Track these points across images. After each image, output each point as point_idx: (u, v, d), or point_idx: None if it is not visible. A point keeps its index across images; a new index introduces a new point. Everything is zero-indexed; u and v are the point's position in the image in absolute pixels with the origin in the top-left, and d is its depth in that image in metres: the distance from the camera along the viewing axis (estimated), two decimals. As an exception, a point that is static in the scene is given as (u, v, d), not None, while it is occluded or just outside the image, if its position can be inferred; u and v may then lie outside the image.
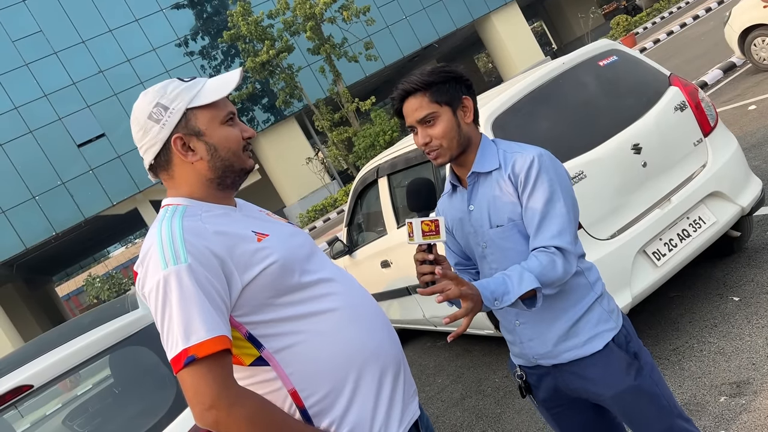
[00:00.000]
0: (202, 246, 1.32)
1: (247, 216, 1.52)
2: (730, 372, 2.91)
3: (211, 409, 1.24)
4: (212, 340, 1.25)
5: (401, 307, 4.68)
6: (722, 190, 3.42)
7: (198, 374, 1.24)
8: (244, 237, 1.40)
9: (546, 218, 1.62)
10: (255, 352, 1.39)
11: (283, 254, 1.41)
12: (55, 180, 24.19)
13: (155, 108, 1.43)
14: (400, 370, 1.52)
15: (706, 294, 3.67)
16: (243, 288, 1.35)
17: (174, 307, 1.27)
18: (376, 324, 1.51)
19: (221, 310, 1.30)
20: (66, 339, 2.61)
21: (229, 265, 1.33)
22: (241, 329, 1.38)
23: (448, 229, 1.87)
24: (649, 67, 3.71)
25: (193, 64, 27.08)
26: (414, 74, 1.71)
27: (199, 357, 1.24)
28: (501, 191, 1.70)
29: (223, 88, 1.46)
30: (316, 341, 1.40)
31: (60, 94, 24.53)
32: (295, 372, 1.38)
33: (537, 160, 1.65)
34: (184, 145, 1.44)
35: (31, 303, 31.25)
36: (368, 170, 4.63)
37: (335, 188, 26.79)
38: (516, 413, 3.49)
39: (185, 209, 1.42)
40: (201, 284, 1.28)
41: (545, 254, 1.60)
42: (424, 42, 30.40)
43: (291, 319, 1.40)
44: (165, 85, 1.47)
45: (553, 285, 1.60)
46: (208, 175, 1.47)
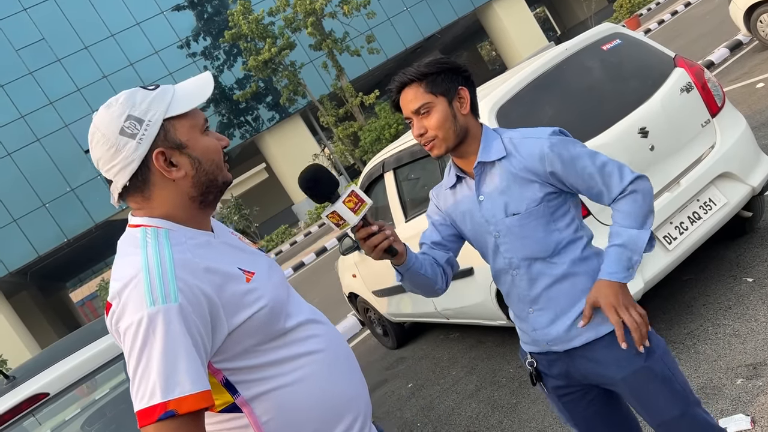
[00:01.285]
0: (194, 285, 1.17)
1: (226, 245, 1.36)
2: (746, 354, 2.89)
3: None
4: (197, 395, 1.10)
5: (412, 300, 4.68)
6: (732, 171, 3.38)
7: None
8: (233, 276, 1.25)
9: (602, 173, 1.67)
10: (228, 399, 1.27)
11: (272, 296, 1.30)
12: (64, 187, 24.36)
13: (127, 122, 1.23)
14: (369, 413, 1.45)
15: (719, 276, 3.64)
16: (229, 333, 1.22)
17: (156, 353, 1.10)
18: (352, 366, 1.44)
19: (204, 361, 1.16)
20: (80, 345, 2.63)
21: (217, 307, 1.19)
22: (218, 375, 1.25)
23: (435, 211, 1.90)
24: (653, 49, 3.68)
25: (195, 65, 27.14)
26: (411, 66, 1.72)
27: (179, 413, 1.08)
28: (515, 179, 1.69)
29: (199, 93, 1.31)
30: (295, 387, 1.29)
31: (65, 101, 24.68)
32: (269, 420, 1.27)
33: (556, 139, 1.69)
34: (166, 160, 1.26)
35: (46, 310, 31.53)
36: (374, 165, 4.62)
37: (342, 184, 26.83)
38: (531, 403, 3.48)
39: (168, 234, 1.25)
40: (189, 329, 1.13)
41: (624, 200, 1.66)
42: (426, 33, 30.31)
43: (273, 364, 1.29)
44: (130, 94, 1.27)
45: (651, 208, 1.67)
46: (191, 193, 1.29)
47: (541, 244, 1.69)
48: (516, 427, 3.36)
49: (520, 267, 1.73)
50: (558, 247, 1.70)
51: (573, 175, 1.67)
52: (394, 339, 5.58)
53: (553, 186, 1.69)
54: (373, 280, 5.15)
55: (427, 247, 1.84)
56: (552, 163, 1.66)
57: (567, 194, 1.74)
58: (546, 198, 1.68)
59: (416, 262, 1.67)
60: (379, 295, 5.18)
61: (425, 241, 1.85)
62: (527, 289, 1.74)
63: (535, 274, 1.72)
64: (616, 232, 1.67)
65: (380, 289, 5.08)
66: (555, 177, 1.68)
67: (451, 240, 1.85)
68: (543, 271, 1.71)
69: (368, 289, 5.33)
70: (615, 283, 1.63)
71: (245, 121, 27.90)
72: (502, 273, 1.78)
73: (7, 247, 23.22)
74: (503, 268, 1.77)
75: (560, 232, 1.70)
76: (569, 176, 1.68)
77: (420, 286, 1.74)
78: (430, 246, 1.84)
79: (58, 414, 3.83)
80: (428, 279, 1.72)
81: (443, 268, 1.80)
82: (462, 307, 4.03)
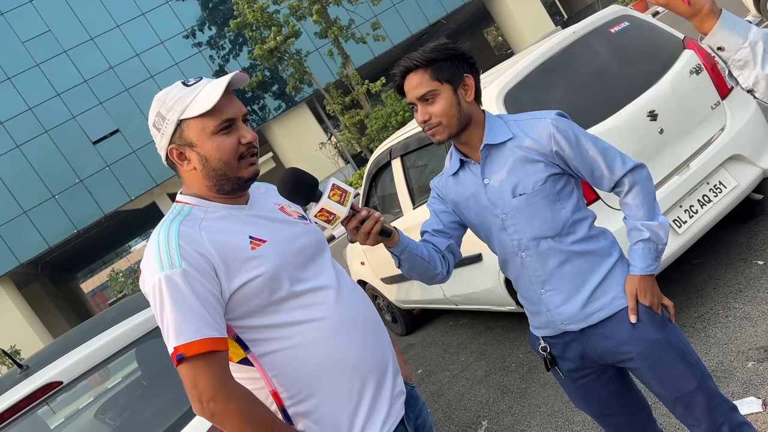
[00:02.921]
0: (195, 252, 1.37)
1: (253, 216, 1.53)
2: (756, 337, 2.88)
3: (210, 401, 1.32)
4: (199, 342, 1.32)
5: (421, 287, 4.68)
6: (742, 153, 3.35)
7: (196, 369, 1.32)
8: (238, 244, 1.43)
9: (605, 156, 1.70)
10: (242, 353, 1.46)
11: (275, 263, 1.44)
12: (73, 178, 24.47)
13: (156, 117, 1.49)
14: (384, 376, 1.56)
15: (729, 259, 3.62)
16: (231, 295, 1.40)
17: (167, 308, 1.33)
18: (361, 333, 1.54)
19: (217, 311, 1.37)
20: (92, 334, 2.65)
21: (220, 271, 1.39)
22: (230, 331, 1.44)
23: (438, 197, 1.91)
24: (662, 31, 3.63)
25: (201, 55, 27.12)
26: (416, 51, 1.71)
27: (187, 356, 1.31)
28: (521, 159, 1.71)
29: (211, 97, 1.44)
30: (299, 350, 1.45)
31: (72, 93, 24.72)
32: (277, 375, 1.45)
33: (561, 119, 1.72)
34: (181, 155, 1.49)
35: (58, 300, 31.81)
36: (381, 152, 4.61)
37: (350, 172, 26.79)
38: (541, 387, 3.49)
39: (190, 210, 1.49)
40: (194, 288, 1.34)
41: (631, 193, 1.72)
42: (432, 18, 30.10)
43: (276, 326, 1.45)
44: (168, 91, 1.49)
45: (655, 196, 1.75)
46: (205, 183, 1.50)
47: (550, 223, 1.71)
48: (526, 412, 3.37)
49: (530, 248, 1.74)
50: (566, 225, 1.71)
51: (577, 156, 1.69)
52: (403, 325, 5.60)
53: (557, 166, 1.71)
54: (381, 267, 5.15)
55: (428, 235, 1.84)
56: (558, 142, 1.68)
57: (570, 176, 1.75)
58: (551, 178, 1.70)
59: (411, 243, 1.68)
60: (387, 282, 5.19)
61: (426, 229, 1.86)
62: (538, 270, 1.75)
63: (545, 253, 1.73)
64: (637, 227, 1.73)
65: (389, 276, 5.08)
66: (560, 157, 1.70)
67: (452, 227, 1.86)
68: (553, 250, 1.72)
69: (377, 276, 5.34)
70: (646, 276, 1.72)
71: (252, 111, 27.89)
72: (511, 256, 1.78)
73: (19, 239, 23.40)
74: (512, 250, 1.77)
75: (566, 211, 1.72)
76: (573, 157, 1.69)
77: (419, 269, 1.73)
78: (431, 234, 1.84)
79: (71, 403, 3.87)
80: (426, 262, 1.72)
81: (443, 254, 1.80)
82: (471, 293, 4.03)
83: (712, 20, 1.23)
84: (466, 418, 3.68)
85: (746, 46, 1.22)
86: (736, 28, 1.22)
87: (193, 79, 1.51)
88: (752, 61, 1.22)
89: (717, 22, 1.22)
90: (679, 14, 1.26)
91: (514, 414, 3.42)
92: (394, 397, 1.58)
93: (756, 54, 1.21)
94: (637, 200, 1.71)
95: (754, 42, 1.21)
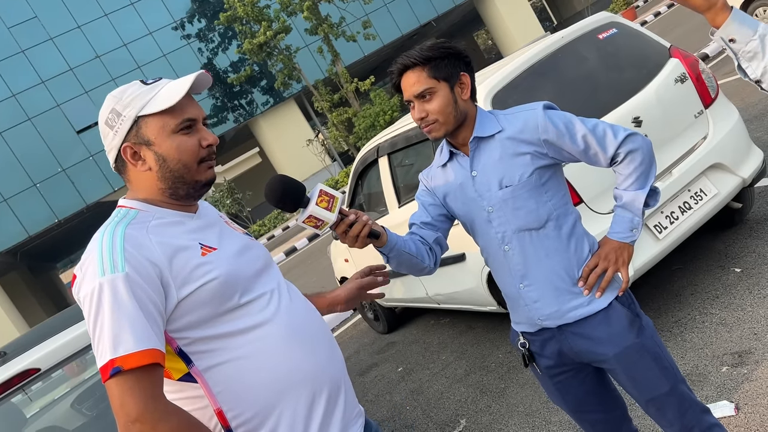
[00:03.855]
0: (141, 256, 1.29)
1: (202, 225, 1.46)
2: (731, 342, 2.93)
3: (135, 422, 1.20)
4: (140, 353, 1.21)
5: (404, 285, 4.70)
6: (724, 162, 3.41)
7: (125, 386, 1.20)
8: (188, 250, 1.36)
9: (595, 133, 1.72)
10: (184, 368, 1.35)
11: (226, 270, 1.37)
12: (56, 167, 24.20)
13: (110, 114, 1.40)
14: (338, 392, 1.48)
15: (707, 266, 3.68)
16: (178, 302, 1.31)
17: (106, 316, 1.23)
18: (313, 344, 1.46)
19: (156, 323, 1.27)
20: (71, 323, 2.63)
21: (167, 277, 1.30)
22: (172, 343, 1.34)
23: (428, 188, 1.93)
24: (649, 39, 3.68)
25: (190, 47, 26.94)
26: (414, 49, 1.73)
27: (124, 369, 1.20)
28: (509, 152, 1.73)
29: (174, 94, 1.38)
30: (246, 361, 1.36)
31: (57, 81, 24.45)
32: (222, 391, 1.35)
33: (550, 110, 1.74)
34: (135, 154, 1.40)
35: (36, 290, 31.44)
36: (368, 150, 4.62)
37: (336, 170, 26.78)
38: (520, 387, 3.52)
39: (136, 215, 1.39)
40: (136, 294, 1.25)
41: (623, 162, 1.73)
42: (423, 20, 30.17)
43: (222, 336, 1.36)
44: (125, 89, 1.42)
45: (652, 162, 1.74)
46: (159, 185, 1.42)
47: (534, 215, 1.73)
48: (504, 411, 3.40)
49: (513, 240, 1.76)
50: (549, 217, 1.74)
51: (568, 141, 1.71)
52: (385, 324, 5.61)
53: (545, 157, 1.73)
54: (365, 265, 5.15)
55: (416, 227, 1.86)
56: (546, 130, 1.71)
57: (557, 170, 1.78)
58: (537, 170, 1.73)
59: (399, 241, 1.69)
60: (370, 279, 5.18)
61: (414, 222, 1.88)
62: (519, 264, 1.77)
63: (527, 246, 1.75)
64: (618, 194, 1.78)
65: (372, 274, 5.08)
66: (549, 145, 1.72)
67: (440, 220, 1.88)
68: (535, 243, 1.75)
69: (360, 274, 5.33)
70: (616, 241, 1.77)
71: (239, 105, 27.74)
72: (494, 249, 1.81)
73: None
74: (495, 243, 1.79)
75: (551, 205, 1.74)
76: (564, 142, 1.72)
77: (407, 264, 1.76)
78: (419, 226, 1.86)
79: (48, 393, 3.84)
80: (414, 257, 1.74)
81: (431, 246, 1.82)
82: (453, 293, 4.06)
83: (725, 14, 1.31)
84: (445, 416, 3.70)
85: (756, 38, 1.30)
86: (746, 21, 1.31)
87: (152, 79, 1.45)
88: (761, 53, 1.30)
89: (729, 15, 1.30)
90: (694, 8, 1.33)
91: (492, 413, 3.45)
92: (350, 419, 1.50)
93: (765, 46, 1.30)
94: (627, 170, 1.73)
95: (763, 35, 1.29)
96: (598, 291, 1.75)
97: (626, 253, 1.77)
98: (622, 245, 1.77)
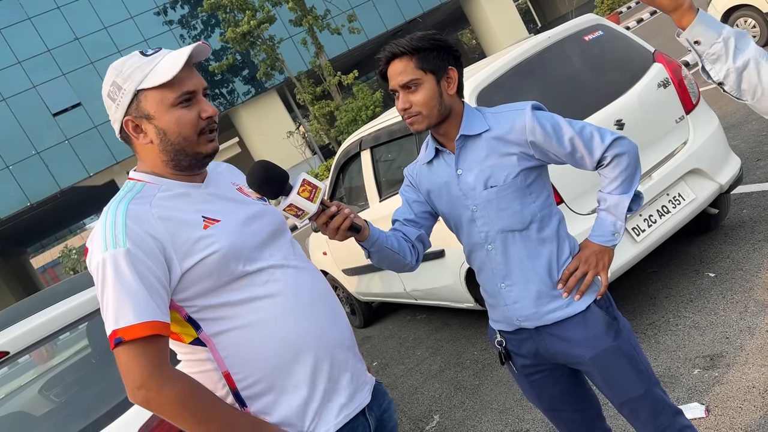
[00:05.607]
0: (143, 231, 1.33)
1: (209, 195, 1.48)
2: (704, 345, 2.97)
3: (141, 388, 1.28)
4: (140, 325, 1.27)
5: (382, 280, 4.69)
6: (702, 168, 3.45)
7: (130, 354, 1.28)
8: (190, 223, 1.39)
9: (582, 135, 1.71)
10: (193, 333, 1.41)
11: (229, 242, 1.40)
12: (30, 150, 23.73)
13: (112, 87, 1.42)
14: (345, 358, 1.52)
15: (683, 270, 3.72)
16: (182, 274, 1.36)
17: (109, 289, 1.30)
18: (320, 312, 1.50)
19: (159, 295, 1.32)
20: (42, 306, 2.57)
21: (169, 250, 1.34)
22: (181, 311, 1.40)
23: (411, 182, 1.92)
24: (634, 43, 3.71)
25: (172, 33, 26.58)
26: (404, 38, 1.70)
27: (125, 339, 1.27)
28: (495, 152, 1.71)
29: (171, 68, 1.39)
30: (252, 329, 1.41)
31: (34, 62, 23.96)
32: (229, 356, 1.41)
33: (538, 111, 1.73)
34: (137, 128, 1.43)
35: (6, 274, 30.84)
36: (351, 143, 4.60)
37: (316, 163, 26.66)
38: (494, 385, 3.54)
39: (142, 188, 1.43)
40: (137, 269, 1.30)
41: (609, 166, 1.73)
42: (408, 16, 30.14)
43: (229, 305, 1.41)
44: (124, 60, 1.42)
45: (637, 166, 1.74)
46: (162, 157, 1.45)
47: (518, 216, 1.72)
48: (478, 408, 3.41)
49: (496, 240, 1.75)
50: (533, 219, 1.73)
51: (555, 143, 1.70)
52: (361, 318, 5.60)
53: (531, 159, 1.72)
54: (343, 258, 5.14)
55: (399, 224, 1.84)
56: (533, 132, 1.69)
57: (542, 171, 1.77)
58: (523, 172, 1.71)
59: (381, 236, 1.67)
60: (348, 273, 5.18)
61: (398, 218, 1.85)
62: (501, 263, 1.76)
63: (509, 247, 1.75)
64: (602, 197, 1.78)
65: (350, 268, 5.08)
66: (535, 147, 1.70)
67: (423, 217, 1.86)
68: (518, 244, 1.74)
69: (338, 267, 5.32)
70: (597, 245, 1.78)
71: (220, 94, 27.45)
72: (477, 248, 1.80)
73: (-33, 209, 22.60)
74: (478, 242, 1.78)
75: (536, 206, 1.73)
76: (551, 145, 1.70)
77: (388, 261, 1.73)
78: (402, 223, 1.84)
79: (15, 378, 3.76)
80: (396, 254, 1.72)
81: (413, 243, 1.80)
82: (431, 289, 4.06)
83: (691, 15, 1.32)
84: (419, 411, 3.70)
85: (720, 41, 1.31)
86: (711, 24, 1.32)
87: (151, 50, 1.44)
88: (724, 56, 1.32)
89: (695, 17, 1.32)
90: (662, 8, 1.35)
91: (466, 409, 3.46)
92: (358, 383, 1.55)
93: (728, 49, 1.31)
94: (612, 173, 1.73)
95: (727, 38, 1.31)
96: (577, 294, 1.74)
97: (606, 257, 1.78)
98: (603, 249, 1.77)
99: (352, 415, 1.51)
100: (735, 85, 1.35)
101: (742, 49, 1.31)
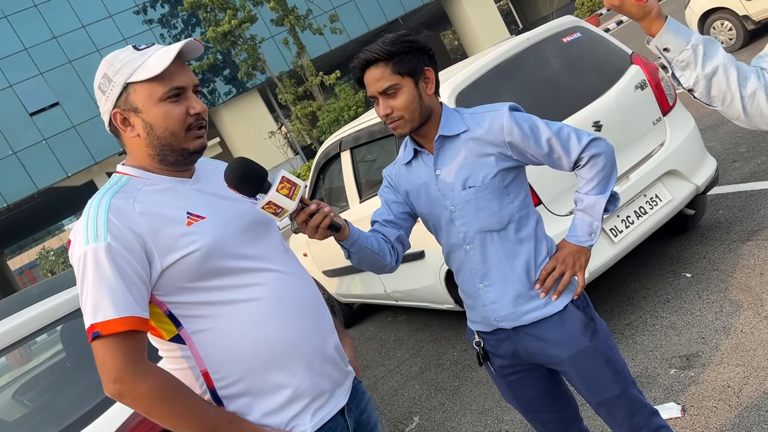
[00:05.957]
0: (124, 226, 1.33)
1: (196, 191, 1.48)
2: (680, 345, 3.00)
3: (115, 382, 1.29)
4: (118, 320, 1.29)
5: (362, 281, 4.68)
6: (679, 169, 3.49)
7: (107, 348, 1.29)
8: (173, 219, 1.39)
9: (560, 136, 1.72)
10: (174, 330, 1.42)
11: (212, 240, 1.39)
12: (6, 150, 23.37)
13: (103, 79, 1.43)
14: (324, 363, 1.52)
15: (660, 270, 3.76)
16: (163, 270, 1.36)
17: (89, 283, 1.31)
18: (301, 316, 1.49)
19: (138, 290, 1.33)
20: (15, 310, 2.53)
21: (150, 246, 1.35)
22: (162, 306, 1.40)
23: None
24: (611, 45, 3.74)
25: (152, 33, 26.33)
26: (376, 43, 1.69)
27: (103, 334, 1.28)
28: (473, 152, 1.72)
29: (161, 62, 1.39)
30: (232, 330, 1.41)
31: (11, 60, 23.59)
32: (208, 355, 1.41)
33: (515, 112, 1.73)
34: (125, 120, 1.43)
35: (-18, 276, 30.31)
36: (331, 143, 4.58)
37: (298, 163, 26.57)
38: (474, 386, 3.54)
39: (128, 181, 1.43)
40: (117, 264, 1.30)
41: (586, 167, 1.74)
42: (390, 16, 30.18)
43: (210, 304, 1.41)
44: (117, 54, 1.44)
45: (613, 167, 1.75)
46: (148, 151, 1.44)
47: (496, 216, 1.73)
48: (457, 409, 3.41)
49: (474, 241, 1.75)
50: (512, 219, 1.74)
51: (533, 143, 1.71)
52: (342, 319, 5.58)
53: (509, 159, 1.72)
54: (323, 260, 5.12)
55: (378, 225, 1.83)
56: (511, 133, 1.69)
57: (520, 171, 1.78)
58: (501, 172, 1.72)
59: (361, 236, 1.66)
60: (329, 275, 5.16)
61: (377, 219, 1.84)
62: (479, 264, 1.77)
63: (488, 247, 1.75)
64: (578, 198, 1.79)
65: (330, 269, 5.06)
66: (513, 147, 1.71)
67: (402, 218, 1.86)
68: (496, 245, 1.74)
69: (318, 269, 5.30)
70: (574, 245, 1.79)
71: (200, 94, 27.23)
72: (455, 248, 1.80)
73: (-58, 209, 22.19)
74: (457, 243, 1.78)
75: (514, 206, 1.74)
76: (529, 146, 1.71)
77: (368, 261, 1.72)
78: (382, 224, 1.83)
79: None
80: (375, 254, 1.71)
81: (393, 244, 1.79)
82: (411, 290, 4.05)
83: (660, 23, 1.33)
84: (399, 413, 3.69)
85: (689, 48, 1.32)
86: (680, 31, 1.33)
87: (144, 44, 1.45)
88: (693, 62, 1.33)
89: (664, 24, 1.32)
90: (631, 16, 1.35)
91: (445, 411, 3.46)
92: (336, 385, 1.55)
93: (697, 56, 1.32)
94: (589, 174, 1.74)
95: (695, 45, 1.32)
96: (555, 294, 1.75)
97: (583, 258, 1.79)
98: (580, 249, 1.79)
99: (329, 417, 1.51)
100: (705, 92, 1.36)
101: (710, 56, 1.32)
